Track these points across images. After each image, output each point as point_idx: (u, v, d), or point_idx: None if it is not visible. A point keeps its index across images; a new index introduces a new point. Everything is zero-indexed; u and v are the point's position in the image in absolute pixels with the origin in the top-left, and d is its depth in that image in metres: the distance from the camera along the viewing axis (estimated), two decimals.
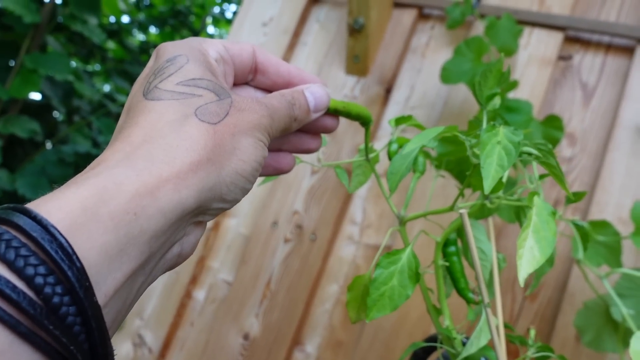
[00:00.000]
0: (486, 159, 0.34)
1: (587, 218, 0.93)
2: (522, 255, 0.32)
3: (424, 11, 1.20)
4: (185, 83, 0.33)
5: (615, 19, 1.04)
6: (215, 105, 0.33)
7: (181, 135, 0.31)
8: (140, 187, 0.28)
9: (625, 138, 0.95)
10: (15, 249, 0.24)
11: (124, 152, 0.30)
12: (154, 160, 0.29)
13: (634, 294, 0.65)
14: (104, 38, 2.31)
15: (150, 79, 0.33)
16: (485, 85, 0.38)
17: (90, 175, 0.28)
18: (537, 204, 0.34)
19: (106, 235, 0.26)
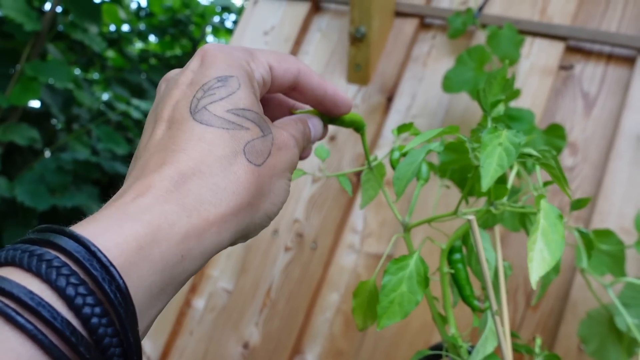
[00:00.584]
0: (486, 158, 0.34)
1: (589, 227, 0.92)
2: (533, 258, 0.32)
3: (426, 20, 1.20)
4: (235, 112, 0.32)
5: (616, 29, 1.05)
6: (260, 143, 0.33)
7: (229, 176, 0.31)
8: (190, 230, 0.28)
9: (626, 147, 0.95)
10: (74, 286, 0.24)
11: (173, 182, 0.29)
12: (203, 201, 0.29)
13: (638, 303, 0.65)
14: (104, 47, 2.32)
15: (199, 95, 0.33)
16: (490, 92, 0.38)
17: (142, 207, 0.28)
18: (545, 207, 0.34)
19: (154, 275, 0.27)
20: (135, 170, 0.32)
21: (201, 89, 0.33)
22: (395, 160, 0.46)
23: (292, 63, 0.38)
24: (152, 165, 0.30)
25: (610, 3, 1.07)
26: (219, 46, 0.35)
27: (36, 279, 0.24)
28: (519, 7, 1.12)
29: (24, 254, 0.24)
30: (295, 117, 0.40)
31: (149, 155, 0.31)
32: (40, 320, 0.23)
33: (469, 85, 0.95)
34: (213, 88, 0.33)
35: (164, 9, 3.43)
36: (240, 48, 0.36)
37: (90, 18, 2.18)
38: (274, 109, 0.42)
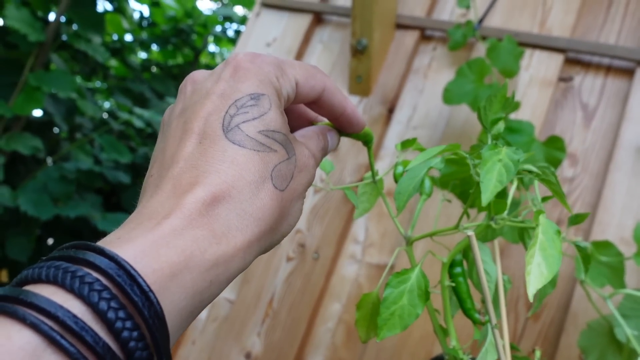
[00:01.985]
0: (486, 174, 0.35)
1: (589, 238, 0.93)
2: (531, 272, 0.33)
3: (426, 33, 1.21)
4: (265, 133, 0.33)
5: (614, 41, 1.06)
6: (285, 167, 0.33)
7: (256, 202, 0.31)
8: (220, 257, 0.29)
9: (626, 159, 0.96)
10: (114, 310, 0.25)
11: (205, 205, 0.30)
12: (230, 227, 0.30)
13: (637, 315, 0.66)
14: (107, 56, 2.33)
15: (232, 112, 0.33)
16: (490, 110, 0.39)
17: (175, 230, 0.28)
18: (543, 222, 0.35)
19: (185, 300, 0.28)
20: (164, 181, 0.31)
21: (234, 104, 0.33)
22: (399, 175, 0.47)
23: (318, 80, 0.38)
24: (185, 184, 0.30)
25: (609, 16, 1.08)
26: (251, 57, 0.35)
27: (78, 300, 0.24)
28: (518, 19, 1.13)
29: (66, 274, 0.25)
30: (316, 129, 0.40)
31: (179, 170, 0.31)
32: (83, 344, 0.23)
33: (469, 98, 0.96)
34: (246, 106, 0.33)
35: (166, 18, 3.45)
36: (271, 60, 0.36)
37: (94, 28, 2.20)
38: (294, 119, 0.42)
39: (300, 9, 1.32)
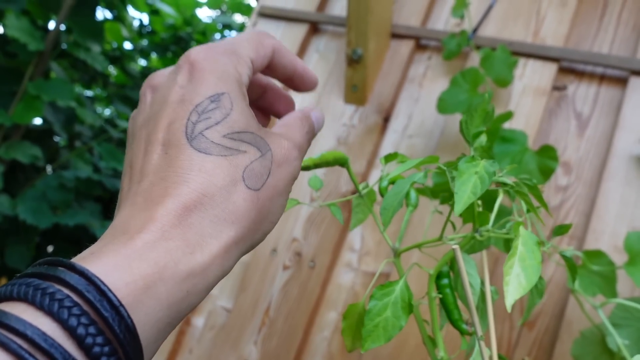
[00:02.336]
0: (461, 186, 0.36)
1: (583, 246, 0.94)
2: (509, 282, 0.34)
3: (421, 42, 1.22)
4: (231, 136, 0.32)
5: (608, 50, 1.07)
6: (259, 165, 0.33)
7: (229, 206, 0.31)
8: (195, 267, 0.29)
9: (619, 167, 0.97)
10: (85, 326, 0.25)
11: (177, 216, 0.29)
12: (204, 234, 0.30)
13: (629, 324, 0.66)
14: (106, 65, 2.34)
15: (193, 119, 0.32)
16: (472, 124, 0.39)
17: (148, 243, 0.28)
18: (523, 234, 0.36)
19: (161, 312, 0.28)
20: (135, 195, 0.31)
21: (195, 110, 0.32)
22: (384, 188, 0.47)
23: (267, 46, 0.38)
24: (155, 196, 0.30)
25: (602, 25, 1.09)
26: (204, 53, 0.34)
27: (48, 318, 0.24)
28: (512, 29, 1.14)
29: (37, 291, 0.25)
30: (298, 114, 0.40)
31: (149, 183, 0.31)
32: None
33: (463, 107, 0.97)
34: (207, 110, 0.32)
35: (165, 26, 3.47)
36: (224, 49, 0.35)
37: (93, 37, 2.21)
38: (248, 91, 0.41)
39: (296, 19, 1.33)
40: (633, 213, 0.93)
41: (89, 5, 2.19)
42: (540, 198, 0.39)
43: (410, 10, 1.25)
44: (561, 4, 1.12)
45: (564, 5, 1.12)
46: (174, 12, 3.30)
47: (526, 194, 0.37)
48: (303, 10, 1.33)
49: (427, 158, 0.39)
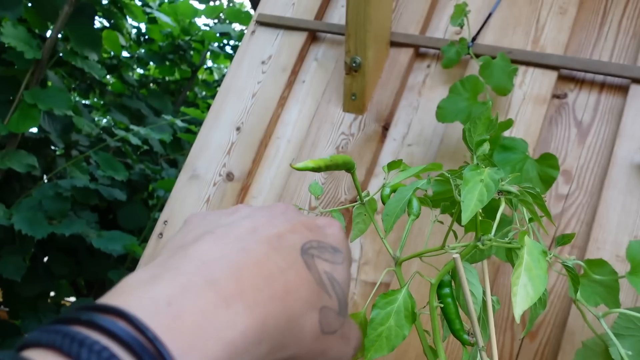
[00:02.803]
0: (467, 194, 0.36)
1: (585, 256, 0.93)
2: (517, 293, 0.33)
3: (420, 50, 1.22)
4: (329, 277, 0.34)
5: (608, 58, 1.06)
6: (333, 317, 0.34)
7: (300, 321, 0.31)
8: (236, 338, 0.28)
9: (620, 175, 0.96)
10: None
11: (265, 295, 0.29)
12: (278, 326, 0.30)
13: (632, 334, 0.65)
14: (103, 74, 2.34)
15: (314, 244, 0.35)
16: (475, 132, 0.38)
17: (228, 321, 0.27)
18: (528, 243, 0.35)
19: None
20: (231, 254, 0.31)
21: (317, 240, 0.35)
22: (386, 196, 0.46)
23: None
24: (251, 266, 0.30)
25: (602, 33, 1.08)
26: (342, 231, 0.39)
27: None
28: (511, 37, 1.13)
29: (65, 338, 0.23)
30: None
31: (245, 246, 0.31)
32: None
33: (462, 115, 0.96)
34: (325, 249, 0.36)
35: (163, 35, 3.48)
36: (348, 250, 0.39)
37: (90, 45, 2.21)
38: None
39: (295, 27, 1.33)
40: (635, 222, 0.92)
41: (87, 14, 2.19)
42: (544, 207, 0.38)
43: (409, 18, 1.25)
44: (561, 12, 1.12)
45: (563, 13, 1.11)
46: (171, 21, 3.30)
47: (530, 202, 0.36)
48: (302, 19, 1.33)
49: (429, 165, 0.38)
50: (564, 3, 1.12)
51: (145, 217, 2.59)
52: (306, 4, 1.36)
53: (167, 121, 2.69)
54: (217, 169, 1.26)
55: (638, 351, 0.65)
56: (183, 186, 1.27)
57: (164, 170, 2.85)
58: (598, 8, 1.10)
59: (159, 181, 2.54)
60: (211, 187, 1.25)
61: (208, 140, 1.30)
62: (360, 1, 1.05)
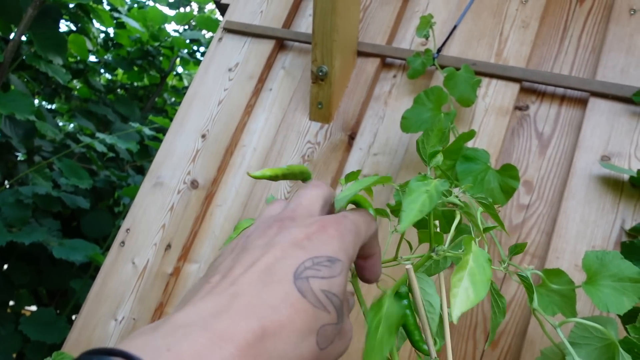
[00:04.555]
0: (410, 204, 0.36)
1: (545, 265, 0.94)
2: (457, 295, 0.33)
3: (387, 60, 1.23)
4: (327, 294, 0.35)
5: (568, 72, 1.09)
6: (331, 330, 0.35)
7: (297, 351, 0.32)
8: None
9: (579, 187, 0.98)
10: None
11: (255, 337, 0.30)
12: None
13: (588, 343, 0.66)
14: (68, 78, 2.29)
15: (307, 264, 0.35)
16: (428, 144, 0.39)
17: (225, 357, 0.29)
18: (475, 250, 0.36)
19: None
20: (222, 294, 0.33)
21: (311, 259, 0.35)
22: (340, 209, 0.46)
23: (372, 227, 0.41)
24: (242, 308, 0.31)
25: (562, 47, 1.11)
26: (337, 224, 0.38)
27: None
28: (476, 49, 1.15)
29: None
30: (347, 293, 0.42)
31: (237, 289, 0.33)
32: None
33: (426, 125, 0.97)
34: (321, 264, 0.35)
35: (132, 40, 3.43)
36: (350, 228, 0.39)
37: (55, 49, 2.17)
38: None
39: (262, 35, 1.33)
40: (593, 232, 0.94)
41: (52, 17, 2.15)
42: (496, 217, 0.38)
43: (376, 28, 1.26)
44: (523, 25, 1.14)
45: (525, 27, 1.14)
46: (140, 27, 3.27)
47: (473, 214, 0.36)
48: (269, 27, 1.33)
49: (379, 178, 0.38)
50: (526, 17, 1.14)
51: (110, 224, 2.54)
52: (274, 12, 1.36)
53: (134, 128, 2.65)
54: (182, 176, 1.25)
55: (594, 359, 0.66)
56: (147, 194, 1.26)
57: (131, 177, 2.80)
58: (559, 23, 1.13)
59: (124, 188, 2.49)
60: (175, 195, 1.23)
61: (173, 147, 1.28)
62: (326, 11, 1.05)
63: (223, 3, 1.44)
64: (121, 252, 1.21)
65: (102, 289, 1.19)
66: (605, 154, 0.99)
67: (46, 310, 2.13)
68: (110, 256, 1.22)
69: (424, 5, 1.25)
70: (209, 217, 1.21)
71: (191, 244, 1.19)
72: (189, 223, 1.20)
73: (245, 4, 1.40)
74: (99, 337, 1.15)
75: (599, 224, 0.95)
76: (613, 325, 0.70)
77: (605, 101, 1.02)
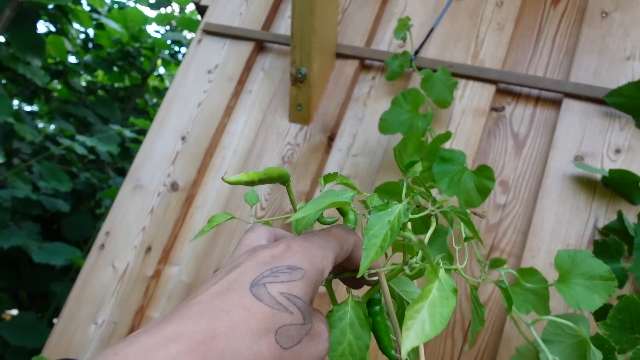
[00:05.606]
0: (371, 239, 0.35)
1: (521, 264, 0.96)
2: (411, 327, 0.32)
3: (366, 62, 1.24)
4: (287, 296, 0.36)
5: (543, 73, 1.10)
6: (295, 330, 0.36)
7: (253, 348, 0.33)
8: None
9: (554, 186, 1.00)
10: None
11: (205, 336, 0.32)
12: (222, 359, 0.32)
13: (560, 340, 0.67)
14: (47, 80, 2.27)
15: (266, 273, 0.37)
16: (405, 153, 0.39)
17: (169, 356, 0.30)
18: (442, 278, 0.34)
19: None
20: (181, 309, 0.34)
21: (270, 269, 0.37)
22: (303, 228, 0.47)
23: (350, 242, 0.43)
24: (193, 313, 0.33)
25: (537, 49, 1.13)
26: (301, 242, 0.40)
27: None
28: (452, 51, 1.17)
29: None
30: None
31: (193, 303, 0.34)
32: None
33: (404, 127, 0.98)
34: (280, 272, 0.37)
35: (112, 41, 3.40)
36: (318, 244, 0.40)
37: (33, 51, 2.14)
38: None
39: (242, 37, 1.33)
40: (567, 230, 0.96)
41: (29, 18, 2.13)
42: (471, 225, 0.39)
43: (354, 30, 1.27)
44: (499, 27, 1.16)
45: (501, 29, 1.15)
46: (120, 28, 3.24)
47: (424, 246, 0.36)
48: (249, 29, 1.33)
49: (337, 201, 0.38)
50: (502, 19, 1.16)
51: (91, 227, 2.52)
52: (253, 14, 1.36)
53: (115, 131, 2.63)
54: (162, 179, 1.25)
55: (565, 356, 0.68)
56: (126, 196, 1.25)
57: (112, 178, 2.78)
58: (533, 25, 1.15)
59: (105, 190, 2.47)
60: (155, 198, 1.23)
61: (152, 149, 1.28)
62: (305, 13, 1.06)
63: (202, 5, 1.44)
64: (101, 255, 1.21)
65: (82, 293, 1.18)
66: (579, 154, 1.01)
67: (27, 314, 2.11)
68: (90, 259, 1.21)
69: (402, 8, 1.26)
70: (189, 219, 1.21)
71: (171, 246, 1.19)
72: (169, 225, 1.20)
73: (225, 6, 1.40)
74: (79, 340, 1.14)
75: (573, 222, 0.97)
76: (585, 322, 0.71)
77: (579, 102, 1.04)
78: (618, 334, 0.66)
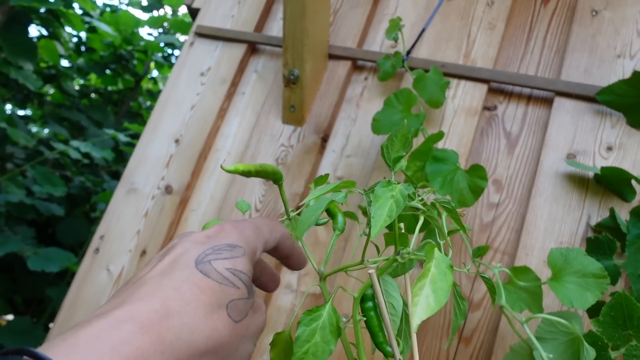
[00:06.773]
0: (377, 210, 0.37)
1: (514, 262, 0.96)
2: (418, 303, 0.34)
3: (358, 63, 1.24)
4: (232, 271, 0.38)
5: (534, 72, 1.11)
6: (243, 304, 0.38)
7: (208, 322, 0.34)
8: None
9: (547, 184, 1.00)
10: None
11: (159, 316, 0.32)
12: (180, 338, 0.32)
13: (554, 337, 0.68)
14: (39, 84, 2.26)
15: (208, 252, 0.38)
16: (392, 149, 0.40)
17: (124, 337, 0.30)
18: (437, 257, 0.37)
19: None
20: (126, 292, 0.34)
21: (211, 248, 0.38)
22: None
23: (278, 231, 0.46)
24: (143, 294, 0.33)
25: (528, 48, 1.13)
26: (233, 224, 0.42)
27: None
28: (444, 51, 1.17)
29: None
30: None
31: (139, 284, 0.35)
32: None
33: (397, 127, 0.98)
34: (221, 250, 0.38)
35: (104, 44, 3.40)
36: (250, 226, 0.42)
37: (25, 55, 2.14)
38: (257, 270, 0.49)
39: (234, 39, 1.33)
40: (560, 228, 0.97)
41: (21, 22, 2.12)
42: (458, 220, 0.40)
43: (346, 31, 1.27)
44: (490, 27, 1.16)
45: (492, 28, 1.16)
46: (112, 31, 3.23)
47: (435, 218, 0.37)
48: (241, 31, 1.33)
49: (342, 183, 0.39)
50: (493, 19, 1.17)
51: (86, 230, 2.51)
52: (246, 16, 1.37)
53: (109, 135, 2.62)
54: (156, 182, 1.24)
55: (559, 354, 0.68)
56: (120, 200, 1.25)
57: (106, 182, 2.77)
58: (524, 24, 1.16)
59: (100, 194, 2.47)
60: (150, 201, 1.23)
61: (146, 153, 1.28)
62: (296, 15, 1.06)
63: (194, 7, 1.44)
64: (96, 259, 1.21)
65: (77, 297, 1.18)
66: (571, 152, 1.01)
67: (22, 319, 2.10)
68: (85, 264, 1.21)
69: (393, 8, 1.26)
70: (183, 222, 1.21)
71: None
72: (163, 228, 1.20)
73: (217, 8, 1.40)
74: None
75: (566, 220, 0.97)
76: (578, 319, 0.72)
77: (570, 100, 1.05)
78: (611, 330, 0.67)
